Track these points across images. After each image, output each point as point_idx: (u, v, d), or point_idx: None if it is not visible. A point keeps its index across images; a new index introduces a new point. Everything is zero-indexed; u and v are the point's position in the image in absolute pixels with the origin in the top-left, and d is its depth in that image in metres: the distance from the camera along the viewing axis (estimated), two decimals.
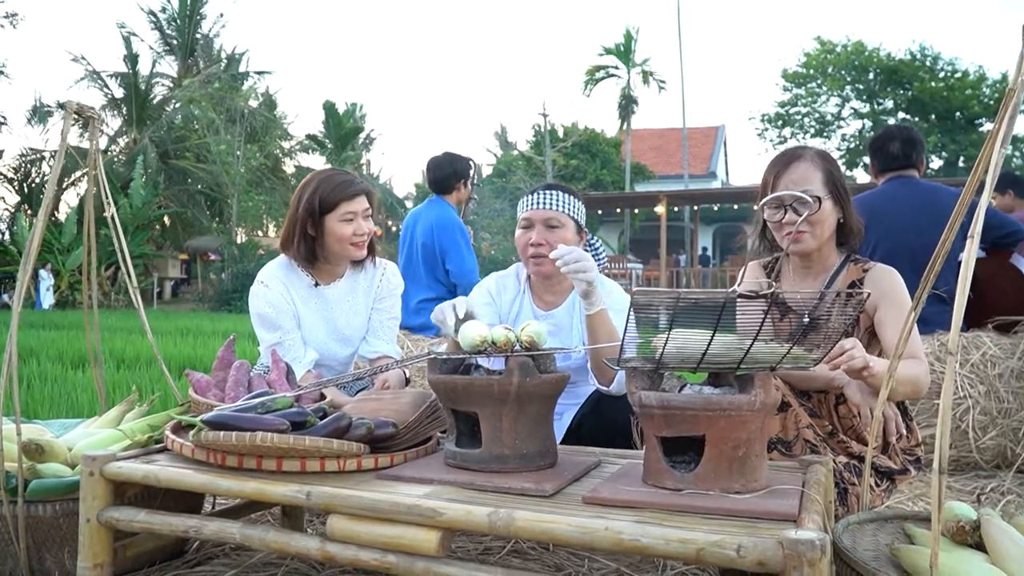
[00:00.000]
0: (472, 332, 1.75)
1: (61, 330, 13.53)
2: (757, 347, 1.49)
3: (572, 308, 2.54)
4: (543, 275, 2.49)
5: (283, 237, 2.59)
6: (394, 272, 2.80)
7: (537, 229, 2.44)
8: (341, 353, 2.70)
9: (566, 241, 2.43)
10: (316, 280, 2.64)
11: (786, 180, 2.16)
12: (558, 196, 2.47)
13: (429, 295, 4.45)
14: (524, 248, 2.47)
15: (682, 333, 1.50)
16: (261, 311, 2.55)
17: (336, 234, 2.51)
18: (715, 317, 1.43)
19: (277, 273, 2.60)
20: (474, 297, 2.59)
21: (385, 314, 2.75)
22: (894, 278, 2.16)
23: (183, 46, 32.10)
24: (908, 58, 27.02)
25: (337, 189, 2.50)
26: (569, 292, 2.56)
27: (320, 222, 2.51)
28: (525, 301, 2.58)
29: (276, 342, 2.53)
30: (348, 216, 2.51)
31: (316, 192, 2.51)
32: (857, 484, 1.96)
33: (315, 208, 2.50)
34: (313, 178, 2.57)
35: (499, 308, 2.58)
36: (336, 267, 2.65)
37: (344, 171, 2.62)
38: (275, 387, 2.04)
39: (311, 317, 2.62)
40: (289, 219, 2.56)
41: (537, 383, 1.69)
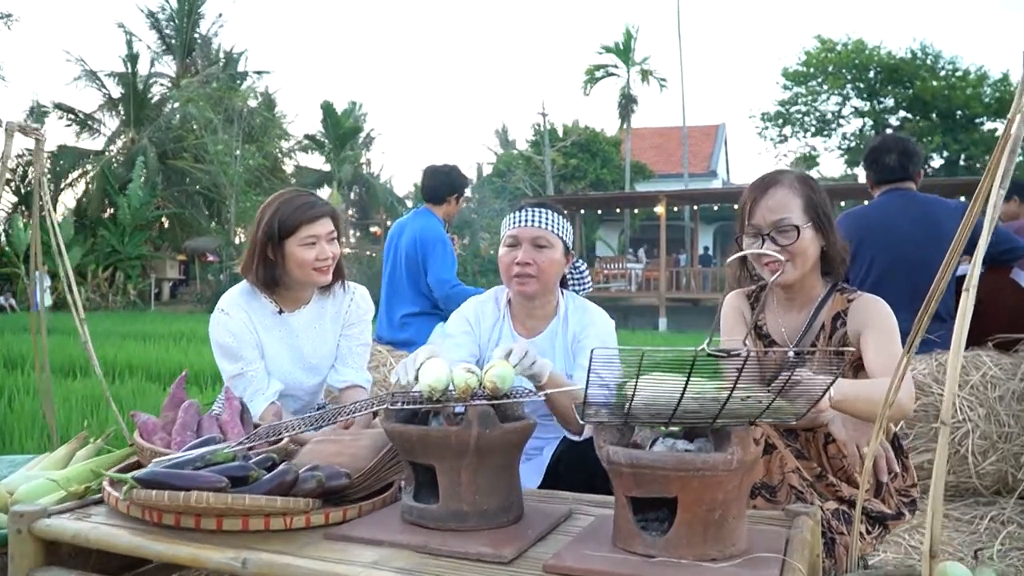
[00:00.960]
0: (427, 377, 1.62)
1: (55, 334, 13.38)
2: (734, 401, 1.37)
3: (555, 334, 2.42)
4: (527, 296, 2.36)
5: (243, 262, 2.47)
6: (364, 296, 2.67)
7: (524, 248, 2.31)
8: (308, 382, 2.58)
9: (552, 261, 2.32)
10: (280, 307, 2.51)
11: (763, 207, 2.03)
12: (548, 215, 2.35)
13: (413, 309, 4.33)
14: (508, 267, 2.33)
15: (653, 380, 1.37)
16: (222, 341, 2.43)
17: (297, 259, 2.39)
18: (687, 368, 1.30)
19: (239, 300, 2.47)
20: (452, 325, 2.47)
21: (354, 341, 2.63)
22: (879, 305, 2.04)
23: (181, 46, 31.98)
24: (909, 57, 26.85)
25: (298, 211, 2.38)
26: (552, 317, 2.43)
27: (280, 246, 2.39)
28: (505, 327, 2.45)
29: (238, 373, 2.41)
30: (310, 240, 2.38)
31: (276, 215, 2.38)
32: (846, 534, 1.83)
33: (274, 231, 2.37)
34: (274, 200, 2.45)
35: (478, 336, 2.45)
36: (300, 293, 2.53)
37: (307, 192, 2.50)
38: (226, 429, 1.91)
39: (275, 346, 2.50)
40: (249, 243, 2.44)
41: (499, 434, 1.56)
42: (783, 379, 1.34)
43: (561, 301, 2.44)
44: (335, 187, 33.20)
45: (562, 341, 2.39)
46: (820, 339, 2.06)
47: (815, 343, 2.06)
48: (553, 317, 2.43)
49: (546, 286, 2.35)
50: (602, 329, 2.38)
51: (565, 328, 2.40)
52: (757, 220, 2.04)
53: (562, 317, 2.42)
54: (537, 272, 2.30)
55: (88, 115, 30.19)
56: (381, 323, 4.44)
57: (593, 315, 2.41)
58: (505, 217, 2.42)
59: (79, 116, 29.88)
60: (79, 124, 30.00)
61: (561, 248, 2.35)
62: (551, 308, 2.42)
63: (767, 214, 2.01)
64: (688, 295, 22.86)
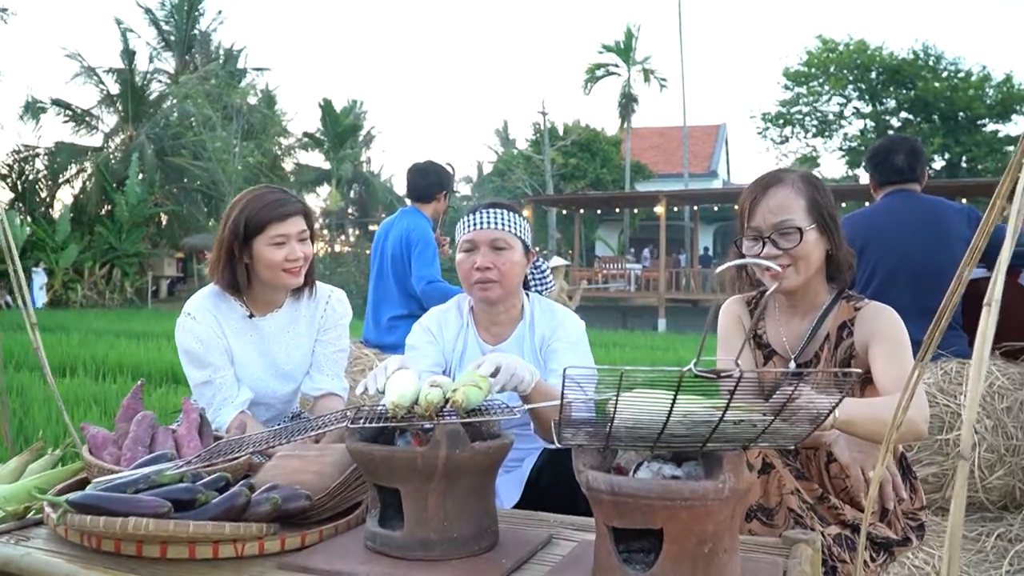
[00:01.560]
0: (391, 393, 1.49)
1: (49, 332, 13.24)
2: (727, 424, 1.23)
3: (522, 339, 2.29)
4: (490, 302, 2.24)
5: (210, 264, 2.34)
6: (340, 300, 2.54)
7: (482, 251, 2.19)
8: (281, 390, 2.45)
9: (513, 263, 2.20)
10: (251, 311, 2.38)
11: (763, 209, 1.90)
12: (504, 215, 2.23)
13: (401, 311, 4.20)
14: (468, 273, 2.20)
15: (638, 398, 1.24)
16: (188, 347, 2.29)
17: (265, 259, 2.25)
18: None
19: (205, 304, 2.34)
20: (414, 336, 2.34)
21: (330, 347, 2.49)
22: (888, 314, 1.89)
23: (180, 42, 31.87)
24: (911, 57, 26.68)
25: (266, 209, 2.24)
26: (517, 321, 2.31)
27: (248, 246, 2.26)
28: (470, 336, 2.33)
29: (205, 381, 2.28)
30: (279, 239, 2.24)
31: (243, 212, 2.25)
32: (848, 562, 1.70)
33: (240, 230, 2.24)
34: (242, 197, 2.31)
35: (442, 346, 2.32)
36: (271, 296, 2.40)
37: (278, 189, 2.36)
38: (182, 444, 1.78)
39: (246, 352, 2.37)
40: (216, 243, 2.31)
41: (470, 455, 1.43)
42: (782, 399, 1.20)
43: (526, 304, 2.33)
44: (334, 185, 33.12)
45: (530, 345, 2.27)
46: (824, 349, 1.93)
47: (818, 354, 1.93)
48: (519, 321, 2.31)
49: (509, 290, 2.23)
50: (572, 331, 2.26)
51: (532, 332, 2.29)
52: (757, 222, 1.90)
53: (528, 321, 2.30)
54: (498, 276, 2.18)
55: (86, 111, 30.05)
56: (368, 326, 4.31)
57: (562, 317, 2.30)
58: (459, 221, 2.30)
59: (77, 112, 29.74)
60: (77, 120, 29.87)
61: (520, 248, 2.23)
62: (516, 312, 2.31)
63: (768, 215, 1.88)
64: (688, 296, 22.73)
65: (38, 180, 28.35)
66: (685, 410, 1.21)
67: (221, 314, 2.34)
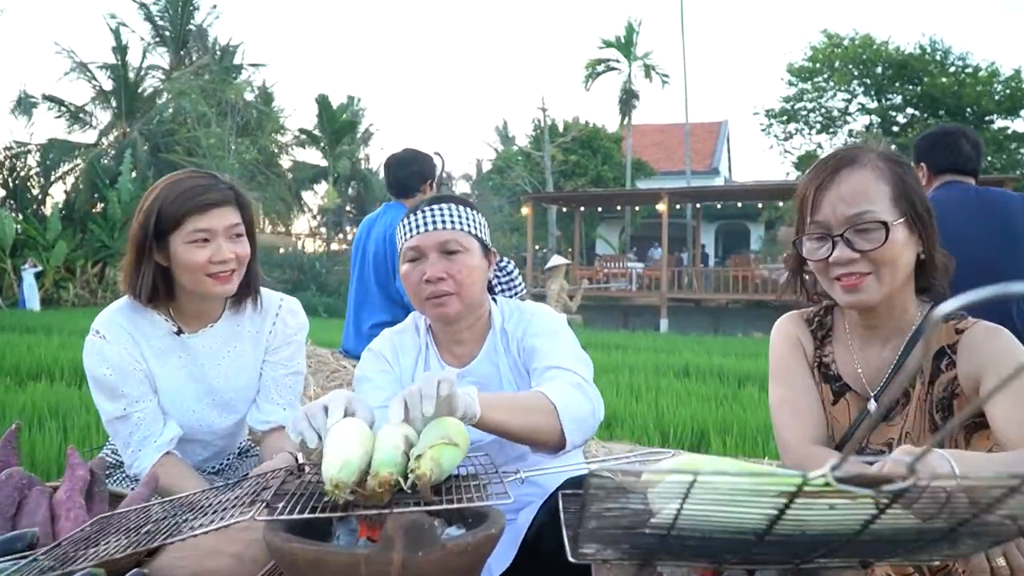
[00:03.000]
0: (330, 464, 1.03)
1: (32, 334, 12.80)
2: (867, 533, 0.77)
3: (494, 353, 1.84)
4: (448, 319, 1.79)
5: (123, 269, 1.88)
6: (293, 312, 2.07)
7: (431, 259, 1.74)
8: (220, 423, 1.99)
9: (471, 269, 1.75)
10: (178, 326, 1.92)
11: (834, 197, 1.44)
12: (453, 211, 1.78)
13: (383, 318, 3.72)
14: (417, 287, 1.76)
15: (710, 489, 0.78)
16: (96, 374, 1.84)
17: (184, 261, 1.80)
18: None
19: (118, 319, 1.88)
20: (365, 365, 1.87)
21: (281, 369, 2.03)
22: (1005, 339, 1.43)
23: (175, 37, 31.42)
24: (918, 52, 26.12)
25: (183, 197, 1.79)
26: (485, 335, 1.86)
27: (163, 245, 1.80)
28: (431, 360, 1.88)
29: (120, 415, 1.83)
30: (200, 236, 1.79)
31: (156, 202, 1.79)
32: None
33: (150, 227, 1.78)
34: (158, 185, 1.85)
35: (399, 375, 1.87)
36: (202, 307, 1.94)
37: (204, 172, 1.89)
38: (59, 514, 1.32)
39: (173, 377, 1.91)
40: (128, 243, 1.85)
41: (439, 558, 0.97)
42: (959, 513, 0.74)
43: (494, 310, 1.89)
44: (331, 182, 32.67)
45: (506, 359, 1.84)
46: (917, 386, 1.46)
47: (908, 391, 1.47)
48: (487, 333, 1.86)
49: (470, 302, 1.78)
50: (545, 321, 1.83)
51: (506, 340, 1.85)
52: (825, 215, 1.45)
53: (498, 329, 1.86)
54: (454, 287, 1.74)
55: (79, 108, 29.59)
56: (348, 335, 3.86)
57: (532, 311, 1.87)
58: (398, 225, 1.85)
59: (70, 108, 29.29)
60: (70, 117, 29.42)
61: (478, 249, 1.79)
62: (482, 325, 1.87)
63: (840, 206, 1.42)
64: (690, 295, 22.26)
65: (29, 177, 27.89)
66: (798, 514, 0.75)
67: (139, 331, 1.89)
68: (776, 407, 1.56)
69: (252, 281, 1.95)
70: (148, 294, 1.84)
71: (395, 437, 1.11)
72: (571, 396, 1.56)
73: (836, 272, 1.44)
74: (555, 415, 1.51)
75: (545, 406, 1.51)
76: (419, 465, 1.03)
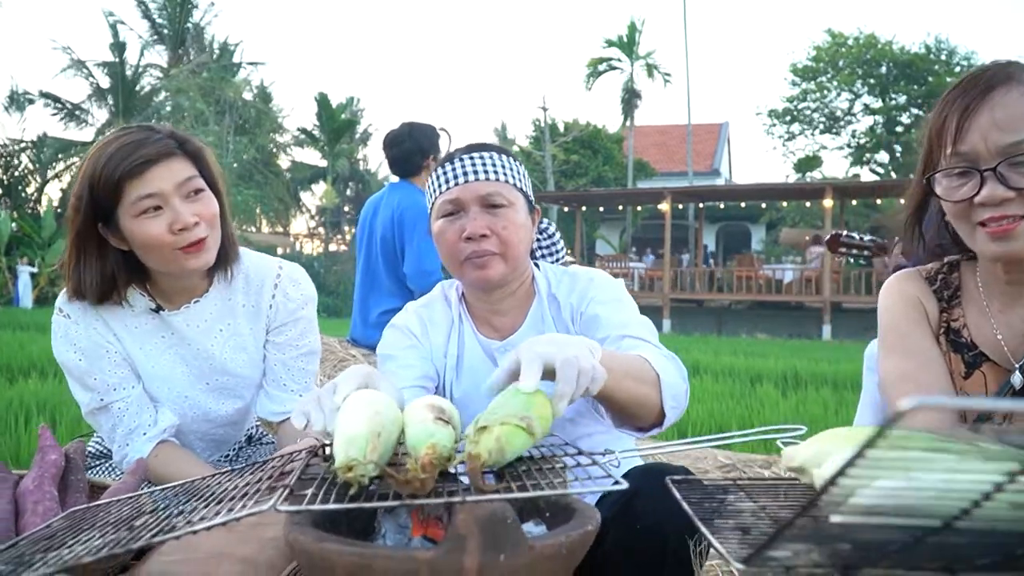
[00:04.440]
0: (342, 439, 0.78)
1: (26, 331, 12.56)
2: None
3: (540, 322, 1.60)
4: (491, 284, 1.54)
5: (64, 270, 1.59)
6: (295, 280, 1.78)
7: (471, 214, 1.50)
8: (219, 410, 1.73)
9: (517, 226, 1.51)
10: (157, 303, 1.64)
11: (984, 121, 1.17)
12: (496, 160, 1.54)
13: (394, 304, 3.46)
14: (455, 246, 1.51)
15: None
16: (65, 359, 1.59)
17: (141, 239, 1.49)
18: None
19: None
20: (389, 342, 1.61)
21: (290, 350, 1.76)
22: None
23: (173, 35, 31.22)
24: (923, 52, 25.98)
25: (114, 161, 1.46)
26: (529, 302, 1.61)
27: (112, 227, 1.51)
28: (466, 334, 1.63)
29: (97, 407, 1.57)
30: (148, 203, 1.47)
31: (86, 178, 1.48)
32: None
33: (85, 207, 1.49)
34: (88, 153, 1.53)
35: (430, 352, 1.61)
36: (183, 283, 1.65)
37: (135, 127, 1.56)
38: (24, 506, 1.07)
39: (158, 361, 1.65)
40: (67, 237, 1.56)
41: (526, 563, 0.72)
42: None
43: (538, 275, 1.64)
44: (330, 182, 32.47)
45: (554, 327, 1.59)
46: None
47: None
48: (532, 301, 1.62)
49: (516, 264, 1.55)
50: (609, 287, 1.59)
51: (556, 308, 1.60)
52: (972, 144, 1.19)
53: (545, 296, 1.61)
54: (499, 246, 1.50)
55: (76, 105, 29.34)
56: (355, 323, 3.60)
57: (589, 275, 1.62)
58: (432, 175, 1.59)
59: (66, 106, 29.04)
60: (67, 114, 29.18)
61: (524, 205, 1.55)
62: (526, 291, 1.62)
63: (994, 134, 1.16)
64: (693, 296, 22.03)
65: (25, 175, 27.64)
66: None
67: (108, 310, 1.61)
68: (893, 381, 1.30)
69: (228, 244, 1.64)
70: (98, 292, 1.55)
71: (425, 410, 0.86)
72: (668, 369, 1.33)
73: (983, 215, 1.18)
74: (658, 387, 1.28)
75: (650, 376, 1.28)
76: (477, 442, 0.78)
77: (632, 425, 1.33)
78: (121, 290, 1.58)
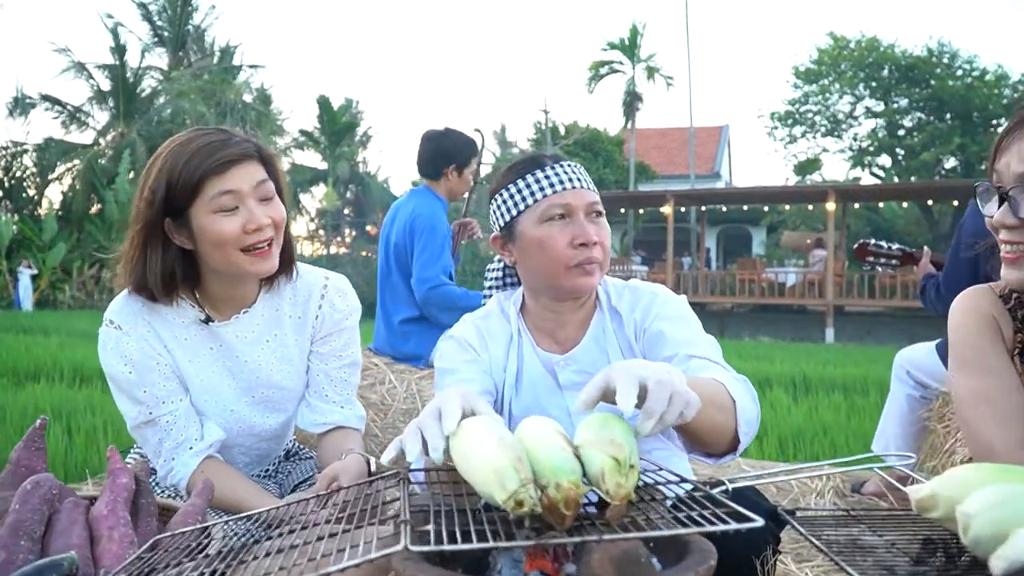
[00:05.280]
0: (489, 472, 0.75)
1: (29, 334, 12.53)
2: None
3: (601, 336, 1.58)
4: (586, 292, 1.55)
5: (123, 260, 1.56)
6: (341, 291, 1.76)
7: (581, 220, 1.50)
8: (263, 423, 1.70)
9: (609, 238, 1.55)
10: (206, 313, 1.62)
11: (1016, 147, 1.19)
12: (583, 171, 1.58)
13: (412, 313, 3.43)
14: (564, 252, 1.49)
15: None
16: (115, 371, 1.56)
17: (212, 236, 1.48)
18: None
19: (135, 306, 1.60)
20: (447, 355, 1.60)
21: (334, 360, 1.74)
22: None
23: (174, 38, 31.19)
24: (925, 55, 25.94)
25: (197, 158, 1.46)
26: (591, 316, 1.60)
27: (182, 223, 1.50)
28: (525, 348, 1.60)
29: (146, 420, 1.54)
30: (225, 201, 1.47)
31: (163, 172, 1.47)
32: None
33: (158, 199, 1.47)
34: (160, 152, 1.52)
35: (490, 366, 1.59)
36: (234, 290, 1.63)
37: (214, 128, 1.57)
38: (100, 533, 1.04)
39: (205, 373, 1.63)
40: (129, 228, 1.54)
41: None
42: None
43: (599, 288, 1.64)
44: (330, 185, 32.43)
45: (616, 343, 1.57)
46: None
47: None
48: (593, 313, 1.61)
49: (603, 276, 1.58)
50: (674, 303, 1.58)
51: (618, 322, 1.58)
52: (1001, 165, 1.21)
53: (606, 309, 1.60)
54: (601, 256, 1.52)
55: (77, 108, 29.30)
56: (378, 331, 3.56)
57: (652, 290, 1.61)
58: (519, 179, 1.56)
59: (67, 109, 29.00)
60: (68, 117, 29.13)
61: None
62: (589, 304, 1.61)
63: (1015, 161, 1.18)
64: (695, 299, 22.02)
65: (26, 177, 27.58)
66: None
67: (160, 319, 1.60)
68: (969, 402, 1.27)
69: (290, 254, 1.64)
70: (161, 287, 1.53)
71: (554, 434, 0.84)
72: (742, 394, 1.30)
73: (999, 236, 1.21)
74: (733, 414, 1.25)
75: (727, 402, 1.25)
76: (624, 482, 0.75)
77: (704, 451, 1.30)
78: (179, 289, 1.57)
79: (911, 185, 21.60)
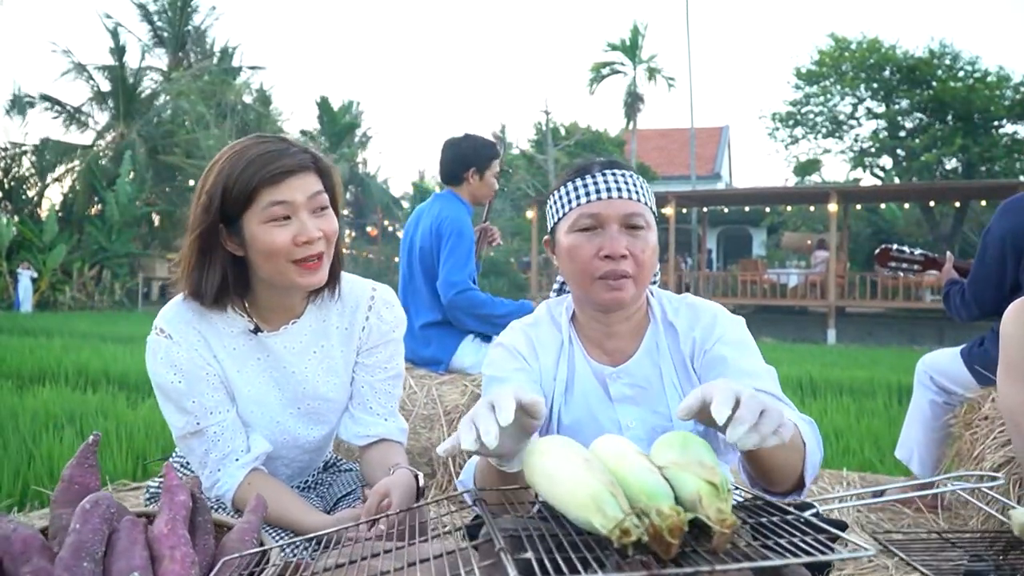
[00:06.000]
0: (585, 498, 0.73)
1: (31, 336, 12.48)
2: None
3: (654, 351, 1.54)
4: (619, 306, 1.49)
5: (180, 265, 1.55)
6: (388, 303, 1.75)
7: (611, 233, 1.45)
8: (308, 435, 1.68)
9: (652, 250, 1.48)
10: (255, 323, 1.60)
11: None
12: (634, 179, 1.51)
13: (434, 317, 3.42)
14: (589, 263, 1.46)
15: None
16: (162, 381, 1.53)
17: (263, 246, 1.47)
18: None
19: (186, 315, 1.57)
20: (497, 362, 1.57)
21: (379, 372, 1.72)
22: None
23: (174, 39, 31.18)
24: (926, 56, 25.84)
25: (253, 167, 1.45)
26: (644, 329, 1.56)
27: (235, 230, 1.49)
28: (576, 357, 1.57)
29: (193, 431, 1.52)
30: (279, 211, 1.46)
31: (220, 179, 1.46)
32: None
33: (214, 206, 1.46)
34: (219, 159, 1.51)
35: (539, 375, 1.56)
36: (284, 300, 1.61)
37: (273, 137, 1.55)
38: (161, 552, 1.02)
39: (253, 383, 1.61)
40: (187, 232, 1.52)
41: None
42: None
43: (652, 300, 1.60)
44: None
45: (670, 359, 1.53)
46: None
47: None
48: (647, 327, 1.56)
49: (644, 288, 1.51)
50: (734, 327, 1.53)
51: (673, 337, 1.54)
52: None
53: (660, 322, 1.56)
54: (634, 269, 1.45)
55: (77, 108, 29.26)
56: None
57: (713, 310, 1.56)
58: (563, 185, 1.54)
59: (67, 109, 28.96)
60: (68, 117, 29.09)
61: (655, 229, 1.51)
62: (642, 316, 1.57)
63: None
64: None
65: (26, 178, 27.53)
66: None
67: (211, 329, 1.58)
68: (1021, 411, 1.26)
69: (337, 265, 1.62)
70: (215, 294, 1.52)
71: (637, 455, 0.82)
72: (811, 436, 1.29)
73: None
74: (802, 456, 1.23)
75: (798, 443, 1.23)
76: (725, 505, 0.74)
77: (768, 487, 1.27)
78: (232, 296, 1.55)
79: (912, 186, 21.57)
